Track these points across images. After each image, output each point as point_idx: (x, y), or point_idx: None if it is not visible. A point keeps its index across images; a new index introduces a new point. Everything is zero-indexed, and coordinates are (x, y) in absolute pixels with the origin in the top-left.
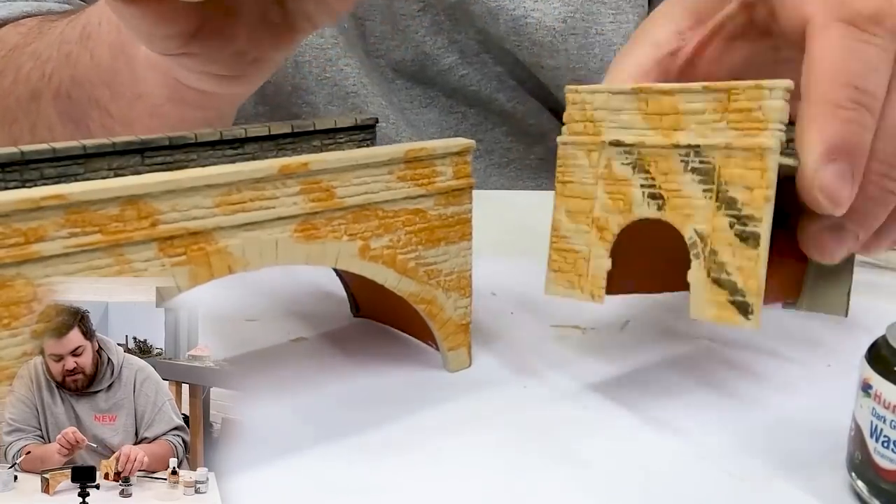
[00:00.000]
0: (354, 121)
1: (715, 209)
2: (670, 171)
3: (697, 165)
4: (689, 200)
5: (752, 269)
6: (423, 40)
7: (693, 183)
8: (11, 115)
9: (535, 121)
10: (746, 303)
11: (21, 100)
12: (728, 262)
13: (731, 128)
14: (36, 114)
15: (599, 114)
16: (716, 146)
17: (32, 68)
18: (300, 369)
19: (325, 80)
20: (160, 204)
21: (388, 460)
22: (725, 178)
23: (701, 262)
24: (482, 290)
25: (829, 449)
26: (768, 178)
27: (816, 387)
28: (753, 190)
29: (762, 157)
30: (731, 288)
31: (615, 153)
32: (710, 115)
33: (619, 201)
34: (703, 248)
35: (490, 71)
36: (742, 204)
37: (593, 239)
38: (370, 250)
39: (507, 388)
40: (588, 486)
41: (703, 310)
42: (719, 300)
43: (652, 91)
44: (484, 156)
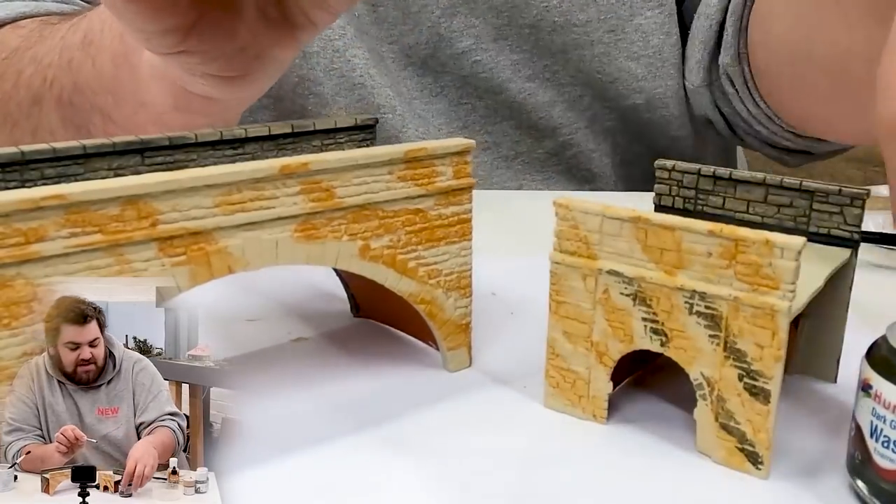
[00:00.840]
0: (354, 121)
1: (723, 358)
2: (673, 310)
3: (703, 310)
4: (694, 343)
5: (762, 424)
6: (437, 22)
7: (698, 326)
8: (12, 120)
9: (546, 114)
10: (756, 453)
11: (22, 104)
12: (737, 412)
13: (739, 279)
14: (38, 118)
15: (594, 237)
16: (723, 297)
17: (34, 73)
18: (300, 369)
19: (333, 71)
20: (160, 204)
21: (388, 460)
22: (734, 331)
23: (708, 406)
24: (482, 290)
25: (829, 449)
26: (779, 339)
27: (815, 387)
28: (764, 348)
29: (773, 317)
30: (739, 437)
31: (613, 281)
32: (715, 259)
33: (620, 331)
34: (710, 392)
35: (506, 58)
36: (752, 359)
37: (593, 362)
38: (370, 250)
39: (507, 388)
40: (589, 486)
41: (711, 449)
42: (728, 446)
43: (651, 223)
44: (492, 148)
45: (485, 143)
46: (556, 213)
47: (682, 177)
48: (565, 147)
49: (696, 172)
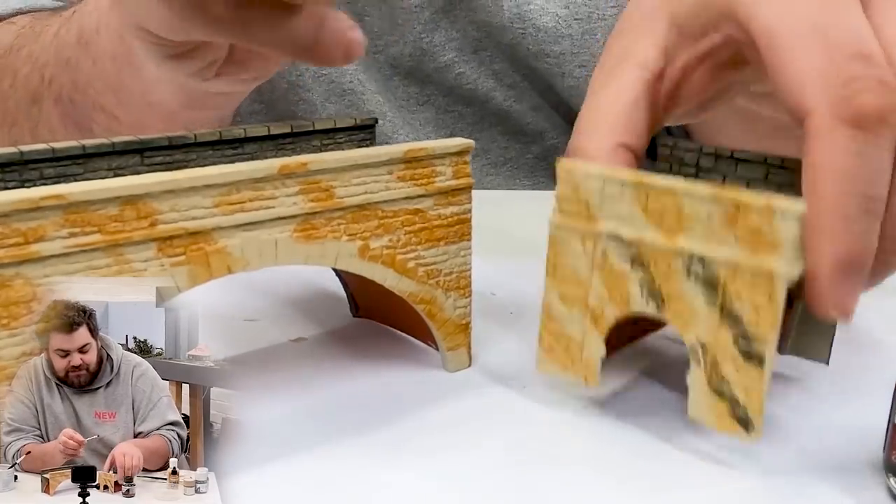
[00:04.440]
0: (354, 121)
1: (719, 322)
2: (671, 274)
3: (701, 274)
4: (691, 307)
5: (756, 388)
6: (419, 36)
7: (695, 290)
8: (11, 118)
9: (532, 119)
10: (749, 418)
11: (21, 103)
12: (730, 377)
13: (740, 243)
14: (37, 117)
15: (595, 200)
16: (722, 260)
17: (30, 72)
18: (300, 369)
19: (322, 77)
20: (159, 204)
21: (388, 460)
22: (731, 294)
23: (702, 370)
24: (482, 290)
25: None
26: (777, 304)
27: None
28: (761, 312)
29: (772, 281)
30: (732, 402)
31: (612, 244)
32: (716, 223)
33: (617, 294)
34: (705, 356)
35: (487, 69)
36: (748, 323)
37: (588, 327)
38: (370, 250)
39: (507, 388)
40: (589, 486)
41: (703, 415)
42: (720, 410)
43: (654, 187)
44: (480, 155)
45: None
46: (559, 176)
47: (684, 155)
48: (553, 151)
49: (698, 150)
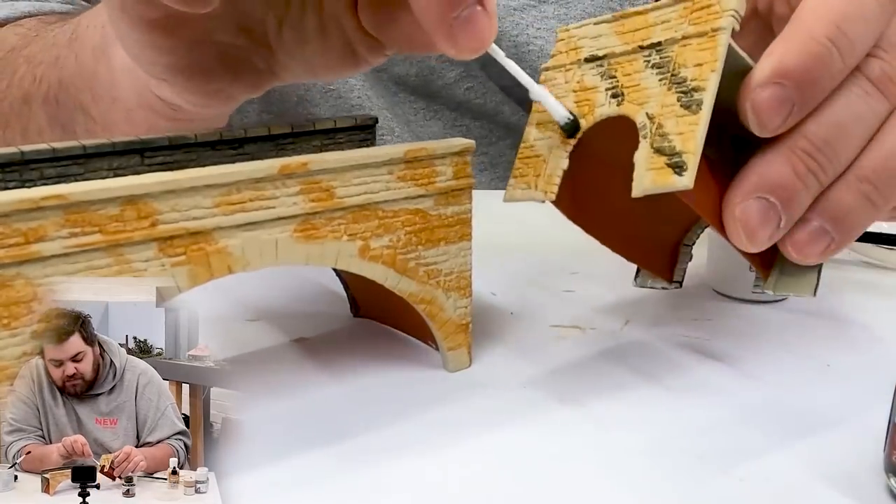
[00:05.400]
0: (354, 121)
1: (666, 91)
2: (633, 72)
3: (657, 61)
4: (646, 91)
5: (692, 132)
6: (426, 55)
7: (651, 76)
8: (4, 119)
9: None
10: (682, 161)
11: (14, 104)
12: (670, 131)
13: (692, 23)
14: (27, 118)
15: (582, 41)
16: (675, 39)
17: (26, 72)
18: (300, 369)
19: (330, 93)
20: (160, 204)
21: (388, 460)
22: (679, 62)
23: (647, 140)
24: (482, 290)
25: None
26: (717, 53)
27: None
28: (703, 65)
29: (714, 37)
30: (669, 152)
31: (588, 68)
32: (675, 21)
33: (585, 106)
34: (651, 126)
35: (493, 85)
36: (691, 80)
37: (556, 142)
38: (370, 250)
39: (506, 388)
40: (589, 486)
41: (641, 182)
42: (657, 166)
43: (629, 14)
44: (489, 169)
45: (482, 164)
46: (557, 38)
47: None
48: None
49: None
